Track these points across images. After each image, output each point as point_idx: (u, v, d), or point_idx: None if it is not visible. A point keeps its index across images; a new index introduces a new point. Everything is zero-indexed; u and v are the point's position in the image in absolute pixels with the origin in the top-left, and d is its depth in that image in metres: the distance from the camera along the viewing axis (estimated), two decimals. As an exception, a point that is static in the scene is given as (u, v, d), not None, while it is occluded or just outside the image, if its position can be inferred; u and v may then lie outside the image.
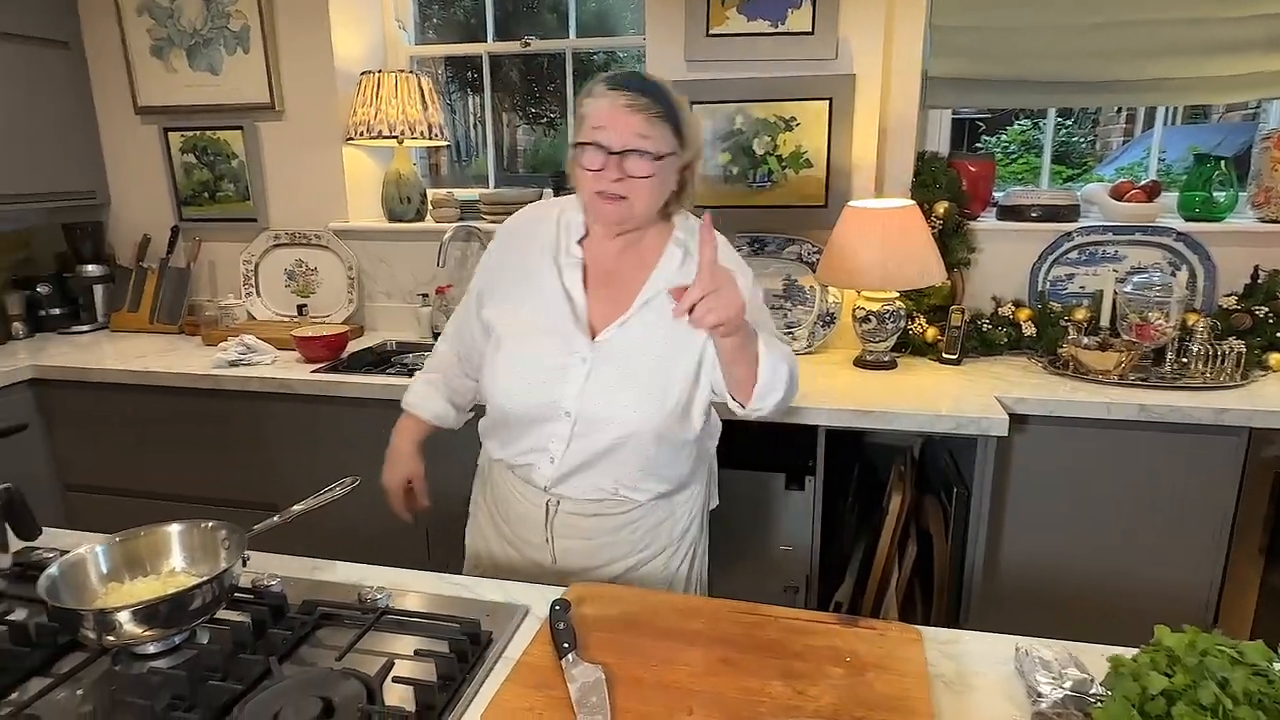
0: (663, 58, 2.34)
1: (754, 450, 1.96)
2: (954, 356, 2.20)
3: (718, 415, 1.44)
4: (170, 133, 2.75)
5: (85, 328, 2.79)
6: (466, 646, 0.91)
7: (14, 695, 0.88)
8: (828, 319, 2.34)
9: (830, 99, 2.24)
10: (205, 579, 0.90)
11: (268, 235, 2.74)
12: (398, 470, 1.41)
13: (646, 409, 1.20)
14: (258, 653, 0.92)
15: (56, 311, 2.78)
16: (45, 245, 2.93)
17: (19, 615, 1.02)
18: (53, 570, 0.91)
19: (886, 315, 2.14)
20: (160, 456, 2.35)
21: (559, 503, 1.29)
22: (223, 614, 0.98)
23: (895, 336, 2.18)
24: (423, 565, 1.16)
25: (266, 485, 2.25)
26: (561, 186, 2.59)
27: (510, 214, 1.35)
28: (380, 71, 2.50)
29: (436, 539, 2.13)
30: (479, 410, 1.41)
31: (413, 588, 1.09)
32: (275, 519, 1.05)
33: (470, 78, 3.32)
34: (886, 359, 2.19)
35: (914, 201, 2.14)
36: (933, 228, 2.19)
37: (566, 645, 0.87)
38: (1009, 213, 2.37)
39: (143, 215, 2.87)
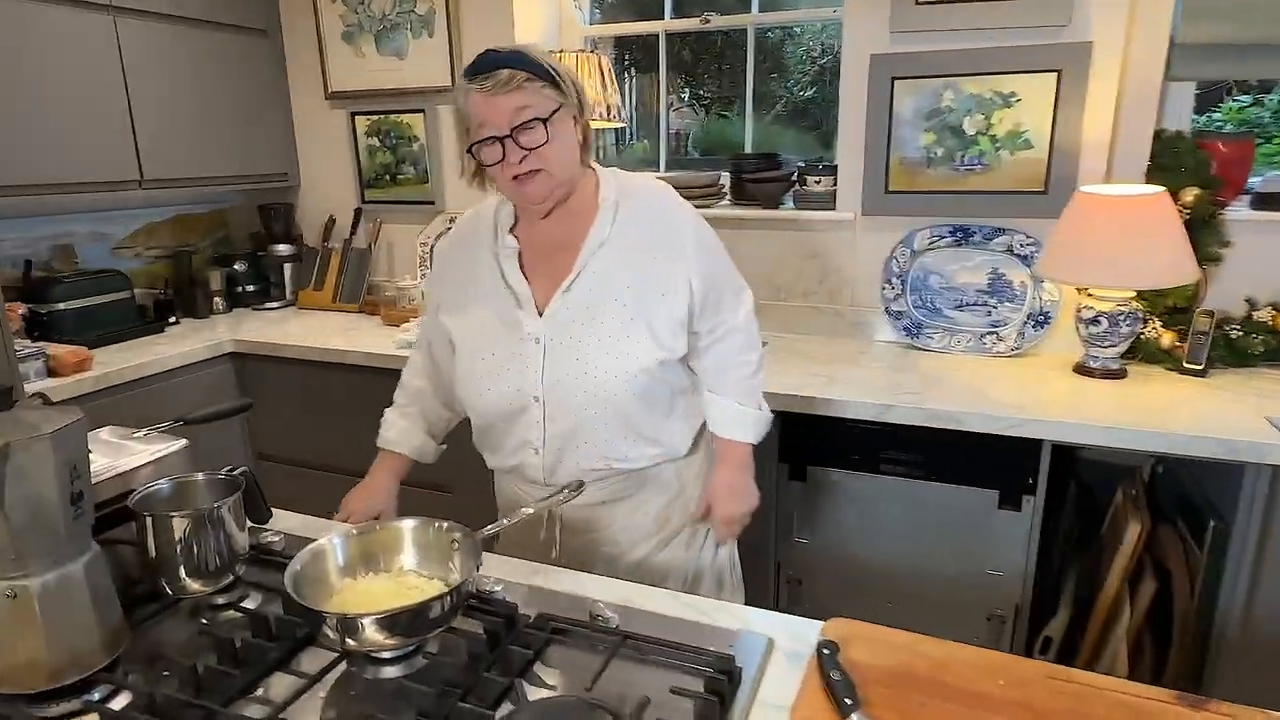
0: (862, 30, 2.15)
1: (963, 463, 1.77)
2: (1198, 366, 1.91)
3: None
4: (357, 116, 2.83)
5: (275, 304, 2.93)
6: (724, 687, 0.81)
7: (259, 691, 0.86)
8: (1041, 319, 2.10)
9: (1059, 71, 1.99)
10: (448, 590, 0.85)
11: (444, 218, 2.77)
12: (372, 504, 1.33)
13: (610, 367, 1.17)
14: (493, 667, 0.86)
15: (251, 288, 2.93)
16: (241, 225, 3.09)
17: (252, 602, 1.02)
18: (296, 565, 0.88)
19: (1120, 317, 1.88)
20: (342, 431, 2.41)
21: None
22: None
23: (1128, 341, 1.92)
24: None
25: (442, 467, 2.26)
26: (740, 170, 2.46)
27: (687, 197, 1.31)
28: (561, 51, 2.45)
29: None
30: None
31: (636, 604, 1.01)
32: (504, 522, 0.99)
33: (632, 58, 3.24)
34: (1115, 366, 1.93)
35: (1163, 188, 1.86)
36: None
37: (849, 702, 0.75)
38: (1269, 201, 2.04)
39: (329, 197, 2.97)
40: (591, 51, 2.49)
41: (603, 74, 2.48)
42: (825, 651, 0.81)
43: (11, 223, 2.38)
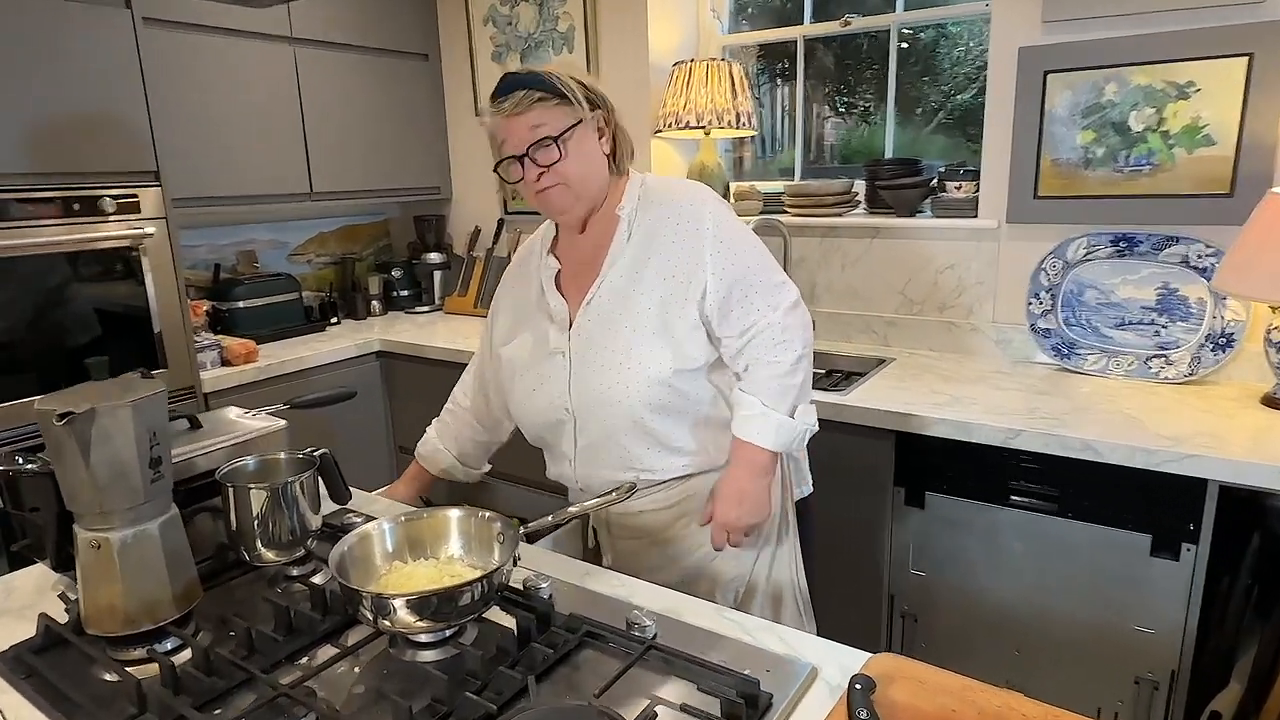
0: (1012, 22, 1.98)
1: (1109, 501, 1.56)
2: None
3: None
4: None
5: (425, 309, 3.13)
6: (741, 711, 0.75)
7: (304, 659, 0.90)
8: (1222, 341, 1.81)
9: (1249, 55, 1.72)
10: (475, 578, 0.85)
11: (577, 228, 2.84)
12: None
13: (624, 380, 1.16)
14: (518, 665, 0.85)
15: (405, 293, 3.16)
16: (401, 235, 3.34)
17: (322, 577, 1.08)
18: (343, 546, 0.92)
19: (1322, 341, 1.59)
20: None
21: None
22: (492, 614, 0.93)
23: (1334, 370, 1.62)
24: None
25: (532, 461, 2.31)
26: (875, 177, 2.34)
27: (817, 206, 1.22)
28: (692, 61, 2.45)
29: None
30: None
31: (685, 617, 0.96)
32: (549, 519, 0.98)
33: (781, 68, 3.17)
34: (1316, 399, 1.63)
35: (1383, 187, 1.55)
36: None
37: (869, 745, 0.67)
38: None
39: (476, 208, 3.15)
40: (722, 60, 2.47)
41: (733, 81, 2.46)
42: (857, 687, 0.73)
43: (205, 231, 2.72)
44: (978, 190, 2.12)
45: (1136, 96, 1.84)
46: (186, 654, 0.89)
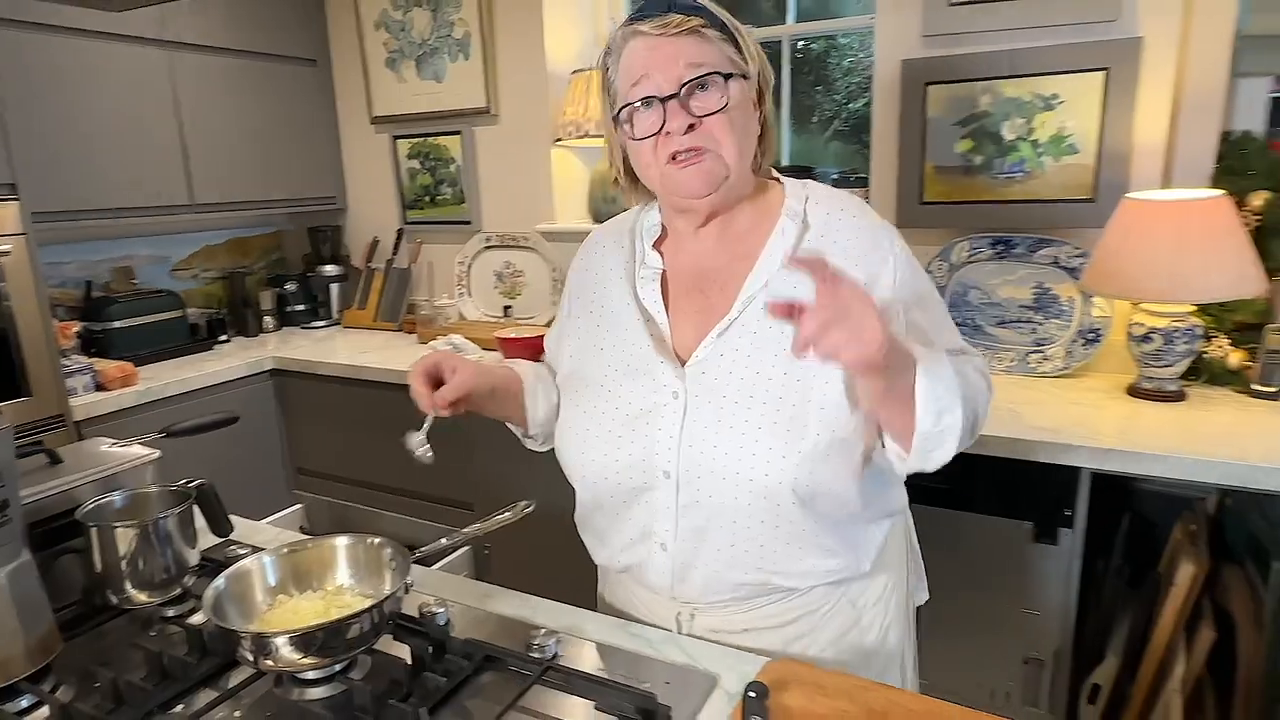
0: (895, 36, 2.06)
1: (993, 491, 1.64)
2: (1270, 389, 1.72)
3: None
4: (399, 140, 2.89)
5: (322, 323, 3.01)
6: (638, 727, 0.75)
7: (179, 707, 0.84)
8: (1091, 336, 1.94)
9: (1106, 70, 1.85)
10: (363, 609, 0.81)
11: (480, 237, 2.79)
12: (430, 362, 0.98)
13: (775, 449, 0.85)
14: (411, 696, 0.82)
15: (300, 308, 3.02)
16: (295, 247, 3.21)
17: (199, 618, 1.01)
18: (219, 583, 0.86)
19: (1176, 334, 1.72)
20: (375, 448, 2.45)
21: (692, 616, 0.96)
22: (385, 643, 0.89)
23: (1187, 360, 1.75)
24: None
25: (463, 484, 2.25)
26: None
27: None
28: (591, 69, 2.45)
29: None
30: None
31: (589, 634, 0.95)
32: (443, 542, 0.95)
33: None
34: (1173, 388, 1.76)
35: (1222, 192, 1.69)
36: (1245, 225, 1.73)
37: (765, 754, 0.66)
38: (1357, 206, 1.83)
39: (373, 218, 3.05)
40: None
41: (631, 90, 2.46)
42: (751, 695, 0.74)
43: (75, 246, 2.53)
44: (869, 197, 2.20)
45: (1009, 108, 1.95)
46: (43, 711, 0.82)
